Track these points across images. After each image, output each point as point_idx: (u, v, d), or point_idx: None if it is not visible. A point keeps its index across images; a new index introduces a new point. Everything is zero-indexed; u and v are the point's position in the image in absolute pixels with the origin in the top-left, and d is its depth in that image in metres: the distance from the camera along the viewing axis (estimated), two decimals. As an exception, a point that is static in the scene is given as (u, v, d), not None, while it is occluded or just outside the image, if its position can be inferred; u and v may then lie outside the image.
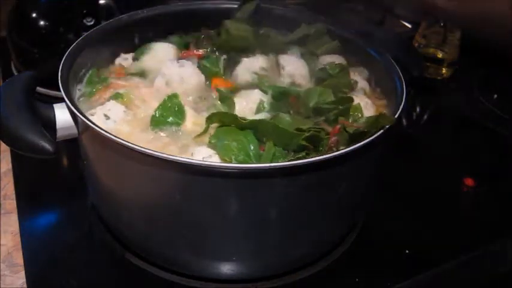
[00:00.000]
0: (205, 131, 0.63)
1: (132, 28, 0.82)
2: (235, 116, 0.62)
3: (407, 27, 1.41)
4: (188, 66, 0.73)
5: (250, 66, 0.77)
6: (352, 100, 0.68)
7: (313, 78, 0.78)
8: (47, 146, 0.56)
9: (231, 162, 0.58)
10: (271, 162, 0.58)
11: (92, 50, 0.76)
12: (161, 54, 0.79)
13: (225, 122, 0.62)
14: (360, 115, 0.70)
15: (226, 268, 0.65)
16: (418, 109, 1.13)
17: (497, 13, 1.12)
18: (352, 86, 0.75)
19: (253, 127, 0.61)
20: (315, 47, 0.82)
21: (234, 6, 0.88)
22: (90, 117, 0.60)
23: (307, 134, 0.60)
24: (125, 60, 0.79)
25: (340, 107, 0.67)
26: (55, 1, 1.01)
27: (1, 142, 0.58)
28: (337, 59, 0.81)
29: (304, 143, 0.60)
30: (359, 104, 0.70)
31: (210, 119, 0.62)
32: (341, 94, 0.72)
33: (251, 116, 0.67)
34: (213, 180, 0.55)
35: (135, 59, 0.79)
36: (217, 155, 0.59)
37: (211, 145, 0.60)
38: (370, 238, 0.76)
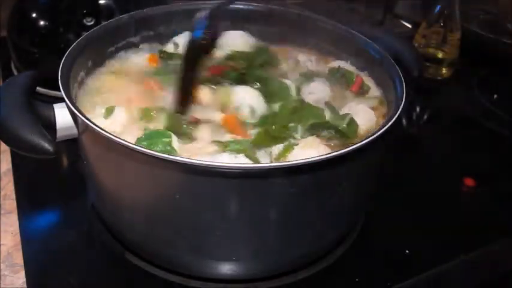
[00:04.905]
0: None
1: (132, 28, 0.82)
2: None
3: (408, 27, 1.41)
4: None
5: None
6: None
7: None
8: (47, 146, 0.55)
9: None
10: (271, 162, 0.59)
11: (92, 49, 0.76)
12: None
13: None
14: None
15: (226, 268, 0.65)
16: (418, 109, 1.13)
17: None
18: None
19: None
20: None
21: (233, 6, 0.88)
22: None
23: None
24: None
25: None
26: (55, 1, 1.01)
27: (1, 142, 0.58)
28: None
29: None
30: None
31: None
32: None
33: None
34: (213, 180, 0.55)
35: None
36: (240, 156, 0.60)
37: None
38: (370, 238, 0.76)
